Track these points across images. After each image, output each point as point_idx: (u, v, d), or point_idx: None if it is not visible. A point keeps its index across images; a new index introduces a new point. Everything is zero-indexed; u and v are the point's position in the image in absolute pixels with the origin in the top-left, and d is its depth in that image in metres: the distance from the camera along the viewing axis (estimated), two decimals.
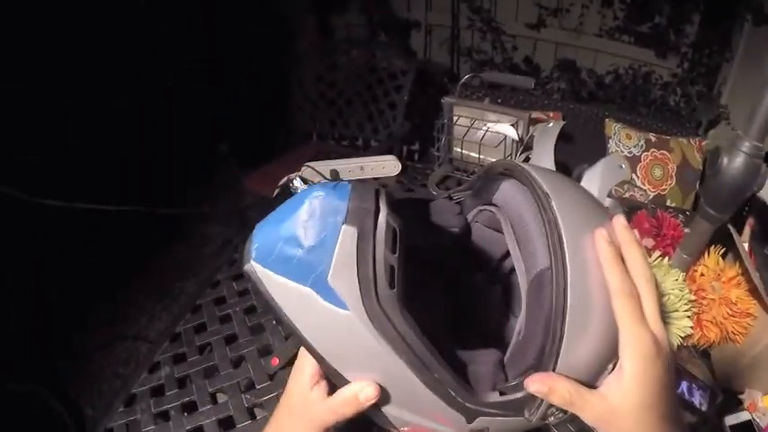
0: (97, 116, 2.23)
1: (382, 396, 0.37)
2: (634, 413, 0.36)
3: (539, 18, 2.52)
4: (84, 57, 2.14)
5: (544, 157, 0.90)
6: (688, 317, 0.73)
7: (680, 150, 1.73)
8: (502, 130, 1.00)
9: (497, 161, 0.49)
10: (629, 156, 1.65)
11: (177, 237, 2.51)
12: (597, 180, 0.79)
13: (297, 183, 1.03)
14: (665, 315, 0.71)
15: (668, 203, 1.64)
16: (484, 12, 2.60)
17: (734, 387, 0.81)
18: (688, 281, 0.81)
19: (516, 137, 1.00)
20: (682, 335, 0.71)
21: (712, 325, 0.79)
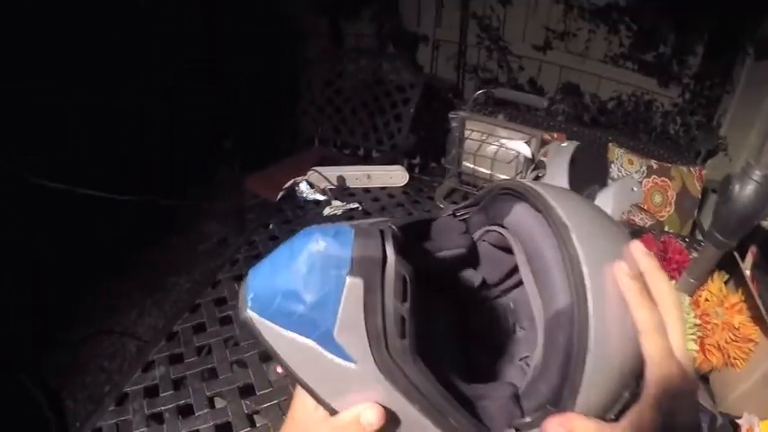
0: (102, 112, 2.23)
1: None
2: None
3: (545, 40, 2.55)
4: (90, 53, 2.14)
5: (558, 177, 0.90)
6: (693, 340, 0.73)
7: (680, 178, 1.75)
8: (515, 147, 1.00)
9: (507, 180, 0.47)
10: None
11: (173, 231, 2.50)
12: (610, 202, 0.79)
13: (303, 187, 1.03)
14: None
15: (666, 230, 1.65)
16: (492, 30, 2.63)
17: (732, 411, 0.80)
18: (692, 305, 0.82)
19: (529, 154, 1.00)
20: None
21: (715, 349, 0.79)
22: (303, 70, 2.20)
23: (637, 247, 0.38)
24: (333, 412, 0.35)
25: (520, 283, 0.53)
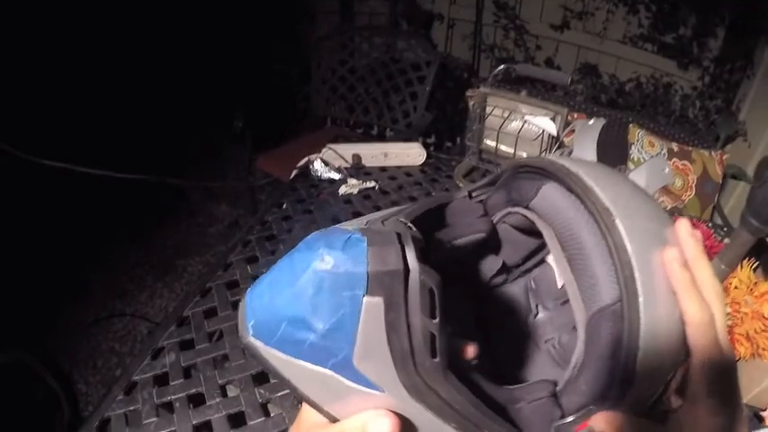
0: (110, 93, 2.21)
1: None
2: None
3: (563, 19, 2.48)
4: (99, 30, 2.11)
5: (586, 155, 0.86)
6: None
7: (701, 162, 1.70)
8: (541, 124, 0.96)
9: (531, 157, 0.43)
10: None
11: (183, 213, 2.48)
12: (642, 183, 0.76)
13: (317, 165, 0.99)
14: None
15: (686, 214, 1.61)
16: (509, 9, 2.56)
17: (757, 404, 0.79)
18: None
19: (555, 131, 0.95)
20: None
21: (744, 339, 0.77)
22: (315, 49, 2.15)
23: (683, 229, 0.34)
24: None
25: (541, 262, 0.50)
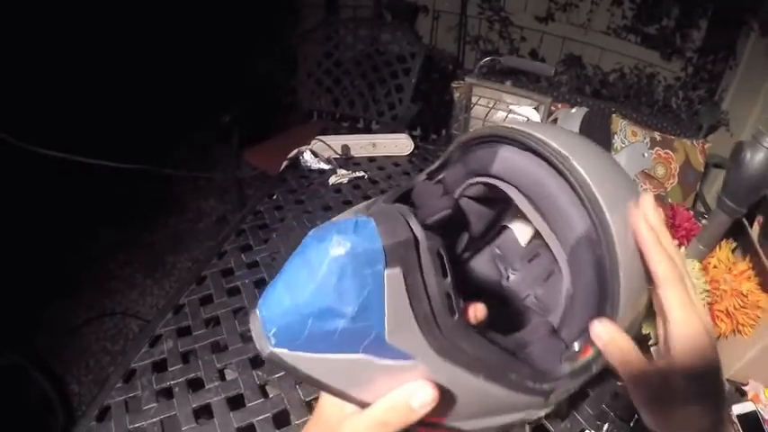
0: (99, 82, 2.19)
1: (452, 413, 0.33)
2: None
3: (547, 11, 2.51)
4: (88, 21, 2.09)
5: None
6: (703, 306, 0.73)
7: (683, 151, 1.74)
8: (525, 114, 0.99)
9: (478, 128, 0.44)
10: None
11: (171, 209, 2.47)
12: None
13: (307, 156, 1.01)
14: None
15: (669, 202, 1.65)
16: (494, 1, 2.58)
17: (738, 379, 0.82)
18: (702, 271, 0.81)
19: (538, 121, 0.98)
20: None
21: (724, 315, 0.80)
22: (299, 43, 2.15)
23: (648, 201, 0.36)
24: None
25: (503, 229, 0.53)
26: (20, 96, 1.85)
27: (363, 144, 1.10)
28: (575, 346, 0.36)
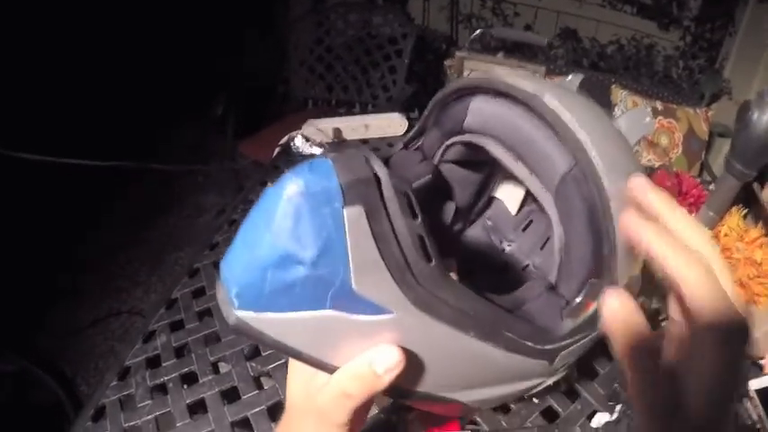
0: (88, 80, 2.16)
1: (442, 380, 0.30)
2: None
3: None
4: (72, 20, 2.06)
5: None
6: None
7: (686, 120, 1.70)
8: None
9: (448, 85, 0.41)
10: None
11: (171, 206, 2.45)
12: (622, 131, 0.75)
13: (298, 141, 0.98)
14: None
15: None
16: None
17: (754, 353, 0.79)
18: (713, 240, 0.78)
19: None
20: None
21: (738, 286, 0.76)
22: (290, 30, 2.12)
23: (639, 183, 0.27)
24: None
25: (490, 201, 0.51)
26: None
27: (355, 126, 1.07)
28: (577, 299, 0.33)
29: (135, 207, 2.35)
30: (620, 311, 0.24)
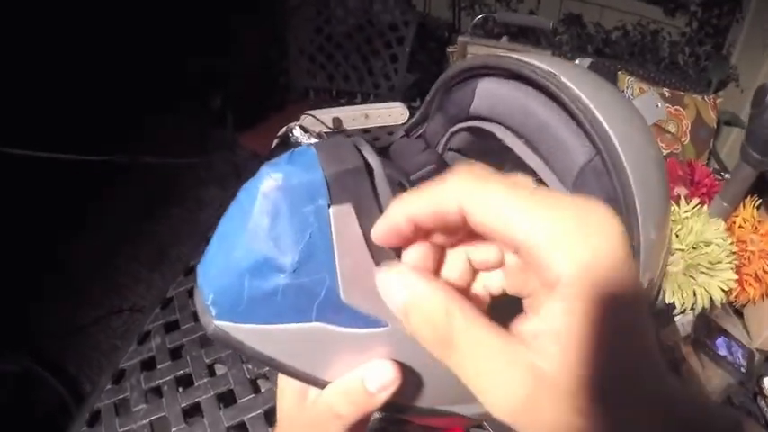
0: (83, 74, 2.13)
1: (445, 394, 0.27)
2: None
3: None
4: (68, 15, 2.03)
5: None
6: (731, 269, 0.67)
7: (694, 107, 1.66)
8: None
9: (453, 66, 0.36)
10: None
11: (172, 201, 2.42)
12: None
13: (297, 132, 0.95)
14: (709, 267, 0.65)
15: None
16: None
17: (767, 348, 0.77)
18: (727, 231, 0.75)
19: None
20: (725, 288, 0.65)
21: (753, 279, 0.74)
22: (289, 19, 2.08)
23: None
24: None
25: None
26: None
27: (356, 116, 1.04)
28: None
29: (135, 202, 2.32)
30: (412, 301, 0.19)
